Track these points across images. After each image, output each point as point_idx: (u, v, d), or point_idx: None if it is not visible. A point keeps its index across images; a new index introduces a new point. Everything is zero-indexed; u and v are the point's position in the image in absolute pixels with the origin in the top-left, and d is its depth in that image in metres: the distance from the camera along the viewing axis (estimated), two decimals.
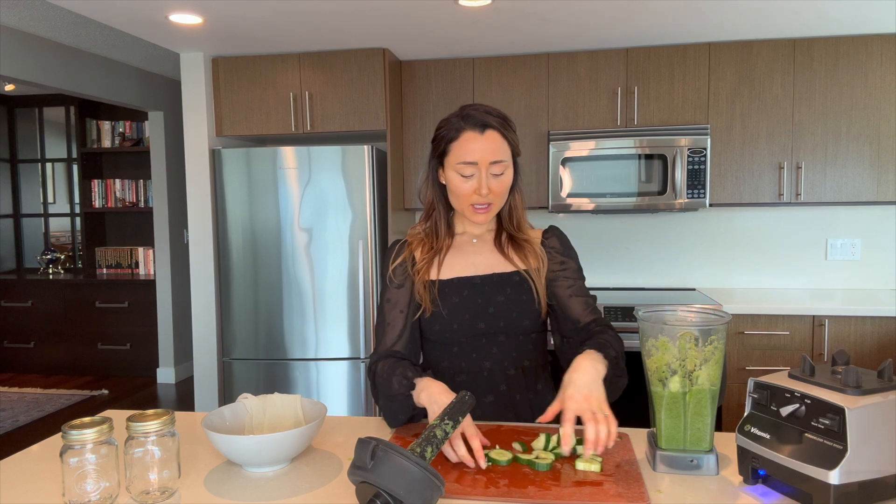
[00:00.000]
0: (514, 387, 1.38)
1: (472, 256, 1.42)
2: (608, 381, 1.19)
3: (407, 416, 1.29)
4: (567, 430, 1.06)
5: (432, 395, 1.19)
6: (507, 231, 1.44)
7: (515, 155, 1.38)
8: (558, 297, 1.40)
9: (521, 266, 1.40)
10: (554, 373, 1.42)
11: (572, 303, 1.39)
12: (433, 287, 1.37)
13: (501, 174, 1.34)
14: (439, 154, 1.37)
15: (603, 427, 1.06)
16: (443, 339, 1.39)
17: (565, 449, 1.06)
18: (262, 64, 3.27)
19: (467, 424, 1.13)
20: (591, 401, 1.10)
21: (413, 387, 1.24)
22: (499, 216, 1.45)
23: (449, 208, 1.43)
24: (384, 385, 1.29)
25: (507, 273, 1.40)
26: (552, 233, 1.47)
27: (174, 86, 4.68)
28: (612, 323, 2.89)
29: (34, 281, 5.11)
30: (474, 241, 1.44)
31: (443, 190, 1.41)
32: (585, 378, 1.13)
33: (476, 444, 1.10)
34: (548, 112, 3.28)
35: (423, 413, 1.24)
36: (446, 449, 1.12)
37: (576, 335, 1.38)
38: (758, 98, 3.13)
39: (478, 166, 1.31)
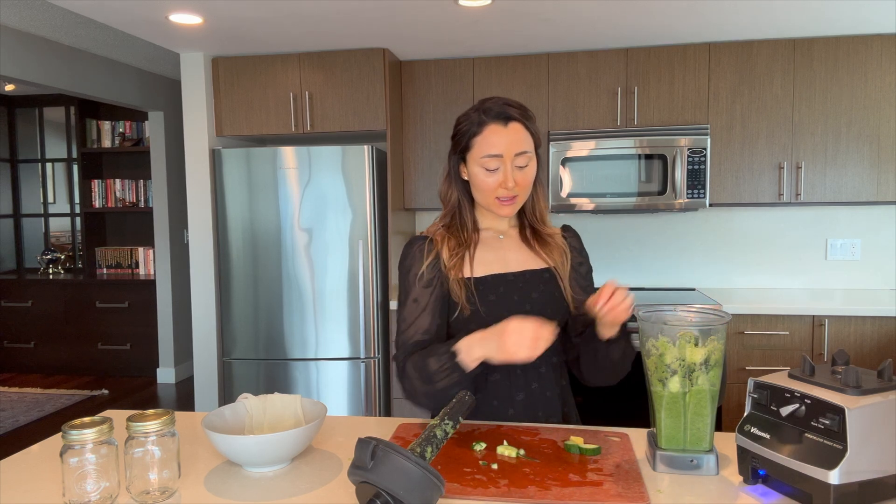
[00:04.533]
0: (543, 384, 1.37)
1: (502, 252, 1.40)
2: (622, 348, 1.28)
3: (455, 391, 1.21)
4: (614, 299, 1.17)
5: (472, 342, 1.19)
6: (530, 225, 1.42)
7: (537, 146, 1.36)
8: (575, 297, 1.40)
9: (550, 262, 1.39)
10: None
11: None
12: (469, 284, 1.34)
13: (526, 166, 1.32)
14: (461, 150, 1.35)
15: (621, 298, 1.17)
16: None
17: (599, 305, 1.18)
18: (262, 64, 3.27)
19: (535, 322, 1.14)
20: (626, 290, 1.18)
21: (455, 354, 1.19)
22: (521, 210, 1.43)
23: (473, 203, 1.41)
24: (421, 371, 1.24)
25: (539, 269, 1.39)
26: (572, 232, 1.48)
27: (174, 86, 4.68)
28: None
29: (34, 281, 5.11)
30: (501, 237, 1.42)
31: (466, 185, 1.39)
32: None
33: (547, 332, 1.14)
34: (548, 112, 3.28)
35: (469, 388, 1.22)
36: (516, 348, 1.13)
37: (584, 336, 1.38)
38: (758, 98, 3.13)
39: (503, 159, 1.30)
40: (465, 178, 1.37)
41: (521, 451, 1.17)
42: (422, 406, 1.32)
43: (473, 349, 1.19)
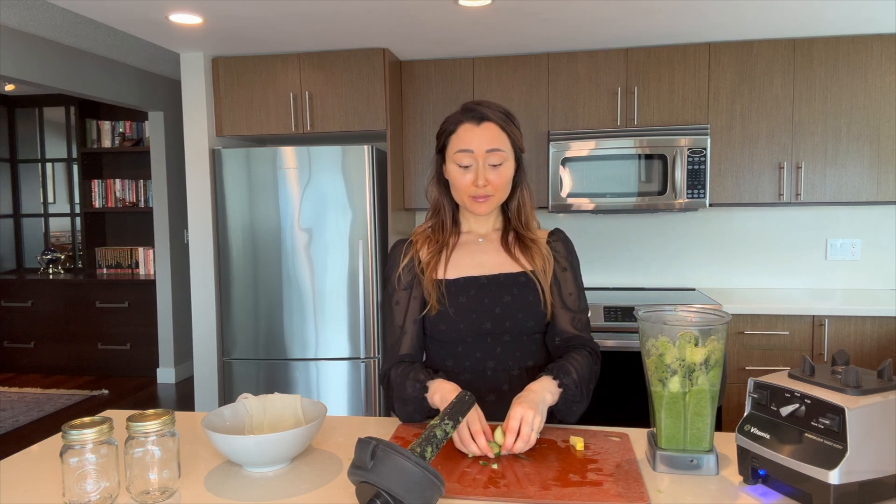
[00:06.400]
0: (516, 387, 1.38)
1: (479, 256, 1.42)
2: (560, 406, 1.27)
3: (423, 417, 1.33)
4: (507, 441, 1.14)
5: (445, 395, 1.23)
6: (514, 230, 1.44)
7: (519, 150, 1.39)
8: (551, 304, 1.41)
9: (528, 267, 1.40)
10: None
11: (560, 314, 1.40)
12: (440, 286, 1.38)
13: (499, 165, 1.34)
14: (441, 148, 1.40)
15: (521, 443, 1.14)
16: (447, 339, 1.39)
17: (505, 450, 1.15)
18: (262, 64, 3.27)
19: (472, 420, 1.16)
20: (533, 416, 1.15)
21: (426, 389, 1.28)
22: (507, 214, 1.45)
23: (454, 204, 1.44)
24: (399, 389, 1.32)
25: (514, 273, 1.40)
26: (558, 236, 1.47)
27: (174, 86, 4.68)
28: (612, 323, 2.91)
29: (34, 281, 5.11)
30: (480, 240, 1.44)
31: (447, 186, 1.42)
32: (534, 398, 1.20)
33: (482, 440, 1.15)
34: (548, 112, 3.28)
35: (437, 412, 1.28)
36: (461, 446, 1.16)
37: (554, 348, 1.41)
38: (758, 98, 3.13)
39: (474, 155, 1.33)
40: (447, 177, 1.40)
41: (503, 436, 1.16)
42: (396, 413, 1.37)
43: (435, 397, 1.26)
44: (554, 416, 1.30)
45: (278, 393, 1.29)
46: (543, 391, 1.23)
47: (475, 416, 1.18)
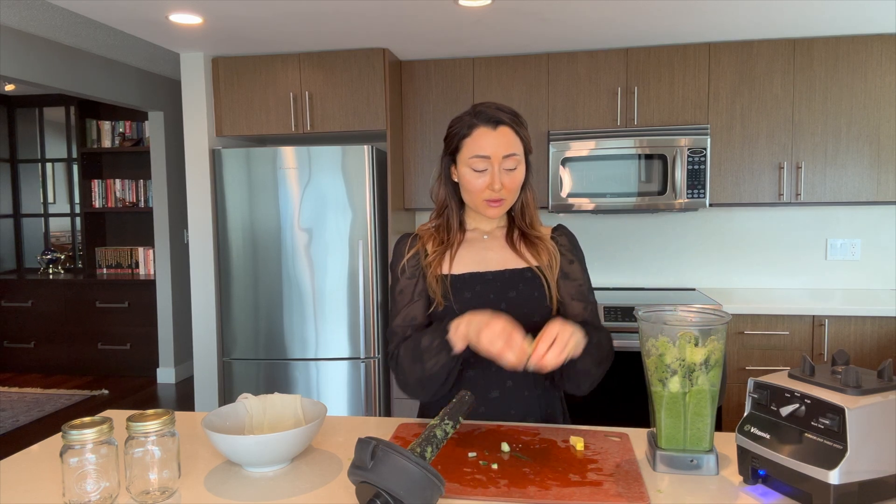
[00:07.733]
0: (520, 383, 1.38)
1: (483, 252, 1.42)
2: (585, 358, 1.24)
3: (446, 372, 1.27)
4: (539, 348, 1.12)
5: (472, 318, 1.20)
6: (518, 228, 1.44)
7: (527, 152, 1.39)
8: (560, 298, 1.41)
9: (533, 262, 1.40)
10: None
11: (571, 305, 1.40)
12: (445, 281, 1.37)
13: (514, 169, 1.35)
14: (452, 151, 1.39)
15: (552, 355, 1.11)
16: None
17: (534, 359, 1.12)
18: (262, 64, 3.27)
19: (496, 322, 1.16)
20: (571, 334, 1.14)
21: (446, 331, 1.23)
22: (510, 213, 1.46)
23: (461, 205, 1.44)
24: (414, 351, 1.28)
25: (519, 269, 1.40)
26: (562, 231, 1.48)
27: (174, 86, 4.68)
28: (612, 323, 2.91)
29: (34, 281, 5.11)
30: (485, 237, 1.45)
31: (455, 187, 1.42)
32: (569, 322, 1.18)
33: (517, 338, 1.13)
34: (548, 112, 3.28)
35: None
36: (492, 350, 1.14)
37: None
38: (758, 98, 3.13)
39: (490, 160, 1.33)
40: (455, 179, 1.40)
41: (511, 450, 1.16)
42: (415, 396, 1.34)
43: (461, 326, 1.22)
44: (558, 388, 1.29)
45: (278, 393, 1.29)
46: (574, 325, 1.19)
47: (498, 319, 1.15)
